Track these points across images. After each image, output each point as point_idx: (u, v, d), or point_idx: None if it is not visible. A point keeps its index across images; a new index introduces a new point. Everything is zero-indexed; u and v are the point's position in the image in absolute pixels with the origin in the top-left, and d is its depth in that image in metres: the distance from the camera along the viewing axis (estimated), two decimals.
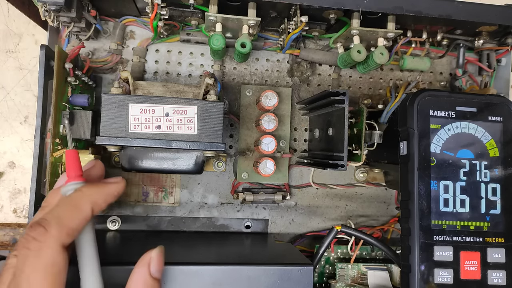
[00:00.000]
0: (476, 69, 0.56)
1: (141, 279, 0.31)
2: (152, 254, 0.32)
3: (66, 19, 0.44)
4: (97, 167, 0.36)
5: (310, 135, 0.53)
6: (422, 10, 0.44)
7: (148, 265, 0.32)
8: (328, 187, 0.53)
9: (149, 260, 0.32)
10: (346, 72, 0.54)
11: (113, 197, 0.33)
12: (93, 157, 0.43)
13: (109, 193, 0.32)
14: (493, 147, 0.39)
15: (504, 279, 0.37)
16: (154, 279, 0.32)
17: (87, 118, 0.43)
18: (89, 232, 0.31)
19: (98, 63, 0.49)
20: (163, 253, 0.33)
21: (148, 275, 0.31)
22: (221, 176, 0.52)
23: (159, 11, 0.44)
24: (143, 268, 0.32)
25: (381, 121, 0.46)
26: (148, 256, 0.32)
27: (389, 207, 0.55)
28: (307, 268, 0.37)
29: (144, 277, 0.31)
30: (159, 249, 0.33)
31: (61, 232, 0.28)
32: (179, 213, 0.51)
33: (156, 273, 0.32)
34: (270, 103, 0.47)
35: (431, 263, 0.36)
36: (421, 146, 0.38)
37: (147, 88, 0.43)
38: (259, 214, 0.53)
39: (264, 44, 0.51)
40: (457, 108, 0.39)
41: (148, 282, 0.31)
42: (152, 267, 0.32)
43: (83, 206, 0.30)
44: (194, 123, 0.40)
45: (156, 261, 0.32)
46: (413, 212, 0.37)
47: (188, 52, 0.51)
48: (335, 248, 0.50)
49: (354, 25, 0.44)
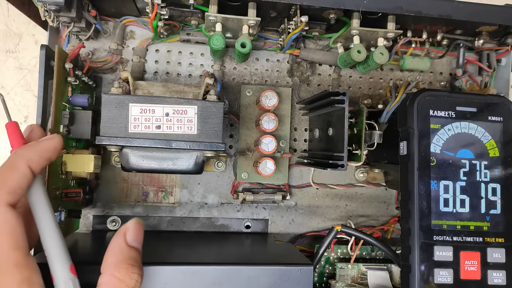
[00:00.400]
0: (476, 69, 0.56)
1: (117, 247, 0.33)
2: (128, 224, 0.34)
3: (66, 19, 0.44)
4: (35, 130, 0.36)
5: (310, 135, 0.53)
6: (422, 10, 0.44)
7: (124, 234, 0.33)
8: (328, 187, 0.53)
9: (125, 230, 0.33)
10: (346, 72, 0.54)
11: (48, 152, 0.33)
12: (93, 157, 0.43)
13: (43, 148, 0.32)
14: (493, 147, 0.39)
15: (504, 279, 0.37)
16: (130, 247, 0.33)
17: (87, 118, 0.43)
18: (37, 190, 0.31)
19: (98, 63, 0.49)
20: (140, 224, 0.34)
21: (124, 243, 0.33)
22: (221, 176, 0.52)
23: (159, 11, 0.44)
24: (119, 237, 0.33)
25: (381, 121, 0.46)
26: (124, 227, 0.34)
27: (389, 207, 0.55)
28: (307, 268, 0.37)
29: (120, 245, 0.33)
30: (135, 219, 0.34)
31: (1, 191, 0.29)
32: (179, 213, 0.51)
33: (132, 242, 0.33)
34: (270, 103, 0.47)
35: (431, 263, 0.36)
36: (421, 146, 0.38)
37: (147, 88, 0.43)
38: (259, 214, 0.53)
39: (264, 44, 0.51)
40: (457, 108, 0.39)
41: (124, 249, 0.32)
42: (128, 236, 0.33)
43: (18, 164, 0.30)
44: (194, 123, 0.40)
45: (132, 230, 0.33)
46: (413, 212, 0.37)
47: (188, 52, 0.51)
48: (335, 248, 0.50)
49: (354, 25, 0.44)
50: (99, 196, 0.50)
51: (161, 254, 0.41)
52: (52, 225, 0.31)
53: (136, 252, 0.33)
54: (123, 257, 0.32)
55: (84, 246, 0.44)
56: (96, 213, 0.49)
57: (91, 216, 0.49)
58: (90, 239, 0.46)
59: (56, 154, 0.33)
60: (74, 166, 0.42)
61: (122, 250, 0.32)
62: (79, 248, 0.43)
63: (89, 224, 0.49)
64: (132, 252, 0.33)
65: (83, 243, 0.45)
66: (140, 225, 0.34)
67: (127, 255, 0.32)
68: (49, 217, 0.31)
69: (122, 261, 0.32)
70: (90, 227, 0.49)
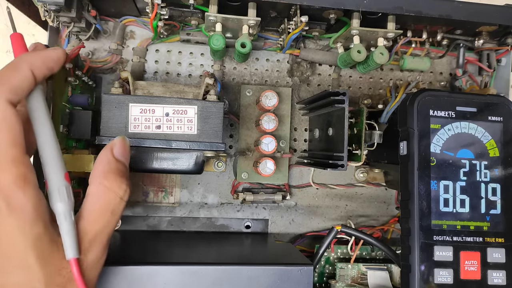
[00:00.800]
0: (476, 69, 0.56)
1: (105, 158, 0.33)
2: (114, 140, 0.35)
3: (66, 19, 0.44)
4: (39, 46, 0.36)
5: (310, 135, 0.53)
6: (422, 10, 0.44)
7: (111, 149, 0.34)
8: (328, 187, 0.53)
9: (112, 145, 0.34)
10: (346, 72, 0.54)
11: (52, 61, 0.33)
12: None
13: (47, 56, 0.33)
14: (493, 147, 0.39)
15: (504, 279, 0.37)
16: (117, 160, 0.34)
17: (87, 118, 0.43)
18: (37, 98, 0.31)
19: (98, 63, 0.49)
20: (126, 140, 0.36)
21: (111, 155, 0.34)
22: (221, 176, 0.52)
23: (159, 11, 0.44)
24: (106, 150, 0.34)
25: (381, 121, 0.46)
26: (111, 142, 0.35)
27: (389, 207, 0.55)
28: (307, 268, 0.37)
29: (107, 157, 0.33)
30: (121, 136, 0.36)
31: (2, 87, 0.29)
32: (179, 213, 0.51)
33: (119, 156, 0.34)
34: (270, 103, 0.47)
35: (431, 263, 0.36)
36: (421, 146, 0.38)
37: (147, 88, 0.43)
38: (259, 214, 0.53)
39: (264, 44, 0.51)
40: (457, 108, 0.39)
41: (111, 161, 0.33)
42: (115, 150, 0.34)
43: (20, 66, 0.30)
44: (194, 123, 0.40)
45: (118, 145, 0.34)
46: (413, 212, 0.37)
47: (188, 52, 0.51)
48: (335, 248, 0.50)
49: (354, 25, 0.44)
50: None
51: (161, 254, 0.41)
52: (50, 133, 0.31)
53: (123, 165, 0.34)
54: (111, 168, 0.33)
55: None
56: None
57: None
58: None
59: (58, 65, 0.33)
60: (74, 166, 0.42)
61: (109, 161, 0.33)
62: None
63: None
64: (120, 164, 0.34)
65: None
66: (126, 142, 0.35)
67: (114, 167, 0.33)
68: (47, 125, 0.31)
69: (109, 171, 0.33)
70: None
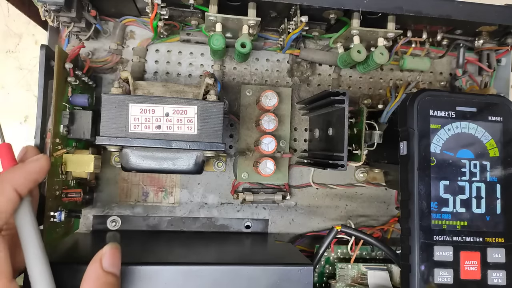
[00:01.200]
0: (476, 69, 0.56)
1: (93, 274, 0.32)
2: (103, 250, 0.33)
3: (66, 19, 0.44)
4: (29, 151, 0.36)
5: (310, 135, 0.53)
6: (422, 10, 0.44)
7: (99, 260, 0.32)
8: (328, 187, 0.53)
9: (100, 255, 0.33)
10: (346, 72, 0.54)
11: (34, 173, 0.32)
12: (93, 157, 0.43)
13: (29, 170, 0.32)
14: (493, 147, 0.39)
15: (504, 279, 0.37)
16: (107, 273, 0.32)
17: (87, 118, 0.43)
18: (24, 213, 0.31)
19: (98, 63, 0.49)
20: (117, 248, 0.33)
21: (100, 269, 0.32)
22: (221, 176, 0.52)
23: (159, 11, 0.44)
24: (95, 263, 0.32)
25: (381, 121, 0.46)
26: (100, 253, 0.33)
27: (389, 207, 0.55)
28: (307, 268, 0.37)
29: (96, 272, 0.32)
30: (111, 244, 0.33)
31: None
32: (179, 213, 0.51)
33: (109, 267, 0.32)
34: (270, 103, 0.47)
35: (431, 263, 0.36)
36: (421, 146, 0.38)
37: (147, 88, 0.43)
38: (259, 214, 0.53)
39: (264, 44, 0.51)
40: (457, 108, 0.39)
41: (100, 276, 0.32)
42: (104, 262, 0.32)
43: (3, 187, 0.30)
44: (194, 123, 0.40)
45: (108, 255, 0.33)
46: (413, 212, 0.37)
47: (188, 52, 0.51)
48: (335, 248, 0.50)
49: (354, 25, 0.44)
50: (99, 196, 0.50)
51: (161, 254, 0.41)
52: (38, 250, 0.31)
53: (113, 277, 0.32)
54: (100, 284, 0.31)
55: (84, 246, 0.44)
56: (96, 213, 0.49)
57: (91, 216, 0.49)
58: (90, 239, 0.46)
59: (43, 175, 0.33)
60: (74, 166, 0.42)
61: (98, 276, 0.32)
62: (79, 248, 0.43)
63: (89, 224, 0.49)
64: (109, 277, 0.32)
65: (83, 243, 0.45)
66: (117, 250, 0.33)
67: (104, 281, 0.32)
68: (34, 241, 0.31)
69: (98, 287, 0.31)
70: (90, 227, 0.49)
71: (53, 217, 0.39)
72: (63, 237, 0.43)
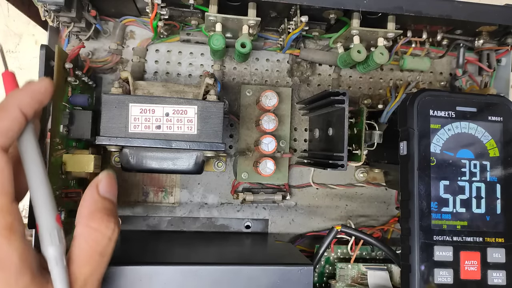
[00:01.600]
0: (476, 69, 0.56)
1: (90, 198, 0.32)
2: (99, 177, 0.33)
3: (66, 19, 0.44)
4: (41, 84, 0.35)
5: (310, 135, 0.53)
6: (422, 10, 0.44)
7: (96, 186, 0.33)
8: (328, 187, 0.53)
9: (97, 181, 0.33)
10: (346, 72, 0.54)
11: (39, 93, 0.32)
12: (93, 157, 0.43)
13: (34, 90, 0.32)
14: (493, 147, 0.39)
15: (504, 279, 0.37)
16: (103, 198, 0.33)
17: (87, 118, 0.43)
18: (28, 138, 0.31)
19: (98, 63, 0.49)
20: (112, 175, 0.34)
21: (96, 193, 0.32)
22: (221, 176, 0.52)
23: (159, 11, 0.44)
24: (91, 188, 0.33)
25: (381, 121, 0.46)
26: (96, 179, 0.33)
27: (389, 207, 0.55)
28: (307, 268, 0.37)
29: (92, 196, 0.32)
30: (106, 171, 0.34)
31: None
32: (179, 213, 0.51)
33: (105, 193, 0.33)
34: (270, 103, 0.47)
35: (431, 263, 0.36)
36: (421, 146, 0.38)
37: (147, 88, 0.43)
38: (259, 214, 0.53)
39: (264, 44, 0.51)
40: (457, 108, 0.39)
41: (97, 200, 0.32)
42: (101, 188, 0.33)
43: (8, 106, 0.30)
44: (194, 123, 0.40)
45: (104, 182, 0.33)
46: (413, 212, 0.37)
47: (188, 52, 0.51)
48: (335, 248, 0.50)
49: (354, 25, 0.44)
50: None
51: (161, 254, 0.41)
52: (41, 174, 0.30)
53: (110, 203, 0.33)
54: (97, 207, 0.32)
55: None
56: None
57: None
58: None
59: (48, 96, 0.33)
60: (74, 166, 0.42)
61: (95, 200, 0.32)
62: None
63: None
64: (106, 202, 0.32)
65: None
66: (112, 177, 0.34)
67: (101, 205, 0.32)
68: (38, 165, 0.31)
69: (96, 211, 0.32)
70: None
71: None
72: None
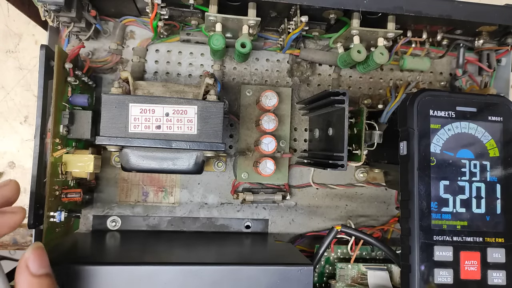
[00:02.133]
0: (476, 69, 0.56)
1: (24, 283, 0.30)
2: (26, 255, 0.31)
3: (66, 19, 0.44)
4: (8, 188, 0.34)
5: (310, 135, 0.53)
6: (422, 10, 0.44)
7: (26, 267, 0.30)
8: (328, 187, 0.53)
9: (25, 261, 0.30)
10: (346, 72, 0.54)
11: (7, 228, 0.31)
12: (93, 157, 0.43)
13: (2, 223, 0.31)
14: (493, 147, 0.39)
15: (504, 279, 0.37)
16: (38, 276, 0.30)
17: (87, 118, 0.43)
18: None
19: (98, 63, 0.49)
20: (40, 247, 0.31)
21: (29, 275, 0.30)
22: (221, 176, 0.52)
23: (159, 11, 0.44)
24: (22, 271, 0.30)
25: (381, 121, 0.46)
26: (23, 259, 0.30)
27: (389, 207, 0.55)
28: (307, 268, 0.37)
29: (26, 279, 0.30)
30: (32, 245, 0.31)
31: None
32: (179, 213, 0.51)
33: (38, 271, 0.30)
34: (270, 103, 0.47)
35: (431, 263, 0.36)
36: (421, 146, 0.38)
37: (147, 88, 0.43)
38: (259, 214, 0.53)
39: (264, 44, 0.51)
40: (457, 108, 0.39)
41: (32, 282, 0.30)
42: (31, 267, 0.30)
43: None
44: (194, 123, 0.40)
45: (33, 259, 0.30)
46: (413, 212, 0.37)
47: (188, 52, 0.51)
48: (335, 248, 0.50)
49: (354, 25, 0.44)
50: (99, 196, 0.50)
51: (161, 254, 0.41)
52: None
53: (46, 277, 0.30)
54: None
55: (84, 246, 0.44)
56: (96, 213, 0.49)
57: (91, 216, 0.49)
58: (90, 239, 0.46)
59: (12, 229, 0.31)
60: (74, 166, 0.42)
61: (30, 284, 0.30)
62: (79, 248, 0.43)
63: (89, 224, 0.49)
64: (42, 280, 0.30)
65: (83, 243, 0.45)
66: (40, 249, 0.31)
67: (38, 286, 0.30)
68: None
69: None
70: (90, 227, 0.49)
71: (53, 217, 0.39)
72: (63, 237, 0.43)
